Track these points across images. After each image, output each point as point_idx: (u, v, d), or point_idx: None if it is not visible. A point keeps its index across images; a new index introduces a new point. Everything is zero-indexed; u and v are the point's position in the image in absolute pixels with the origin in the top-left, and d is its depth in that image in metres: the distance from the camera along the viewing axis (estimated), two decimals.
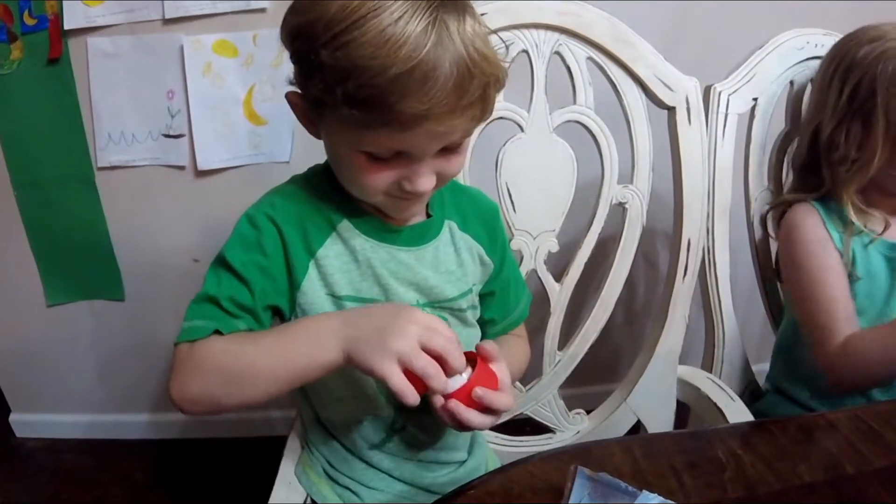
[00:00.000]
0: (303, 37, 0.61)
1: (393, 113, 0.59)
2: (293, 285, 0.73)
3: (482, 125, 0.75)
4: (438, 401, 0.66)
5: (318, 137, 0.73)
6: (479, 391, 0.66)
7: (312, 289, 0.73)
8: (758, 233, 1.16)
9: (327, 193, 0.75)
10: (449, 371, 0.63)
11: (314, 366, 0.64)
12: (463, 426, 0.67)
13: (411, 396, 0.60)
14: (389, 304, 0.70)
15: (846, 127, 0.99)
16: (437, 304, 0.79)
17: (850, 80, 0.98)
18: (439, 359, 0.62)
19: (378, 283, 0.75)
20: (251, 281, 0.70)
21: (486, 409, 0.67)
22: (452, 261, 0.81)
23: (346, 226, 0.74)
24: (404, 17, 0.57)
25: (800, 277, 1.04)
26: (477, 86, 0.61)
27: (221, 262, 0.71)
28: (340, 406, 0.80)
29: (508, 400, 0.68)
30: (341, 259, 0.74)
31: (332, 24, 0.58)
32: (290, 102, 0.71)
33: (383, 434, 0.81)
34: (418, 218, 0.79)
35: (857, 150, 0.99)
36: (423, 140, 0.64)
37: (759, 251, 1.18)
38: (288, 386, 0.66)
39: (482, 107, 0.65)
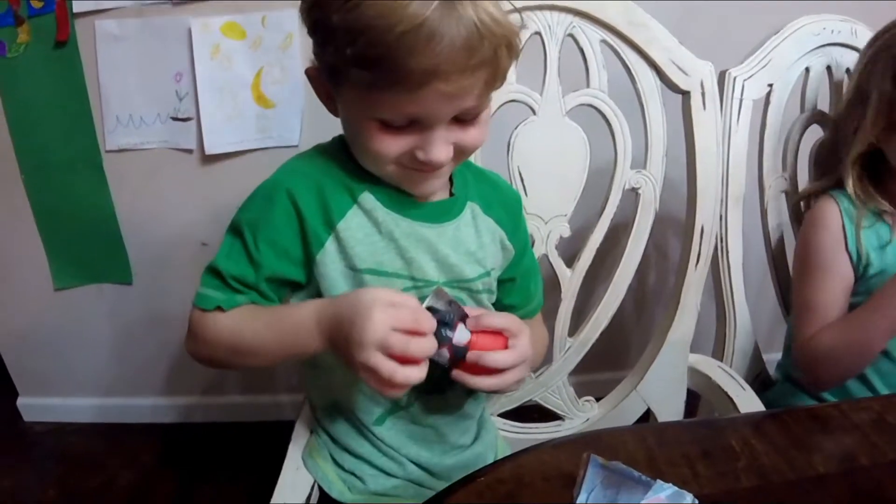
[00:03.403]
0: (318, 5, 0.64)
1: (401, 70, 0.60)
2: (309, 257, 0.74)
3: (496, 106, 0.75)
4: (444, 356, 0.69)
5: (336, 114, 0.74)
6: (473, 356, 0.70)
7: (328, 261, 0.73)
8: (771, 221, 1.15)
9: (347, 164, 0.75)
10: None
11: (307, 353, 0.71)
12: (476, 390, 0.73)
13: (400, 375, 0.62)
14: (352, 294, 0.70)
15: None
16: (456, 284, 0.79)
17: None
18: (413, 332, 0.64)
19: (401, 257, 0.75)
20: (261, 255, 0.72)
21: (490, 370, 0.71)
22: (472, 242, 0.80)
23: (367, 198, 0.74)
24: None
25: (800, 272, 1.06)
26: (488, 47, 0.62)
27: (236, 232, 0.74)
28: (348, 375, 0.79)
29: (506, 357, 0.71)
30: (364, 230, 0.74)
31: None
32: (309, 77, 0.73)
33: (389, 409, 0.81)
34: (441, 195, 0.79)
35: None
36: (433, 102, 0.64)
37: (772, 239, 1.16)
38: (287, 360, 0.77)
39: (493, 70, 0.65)
